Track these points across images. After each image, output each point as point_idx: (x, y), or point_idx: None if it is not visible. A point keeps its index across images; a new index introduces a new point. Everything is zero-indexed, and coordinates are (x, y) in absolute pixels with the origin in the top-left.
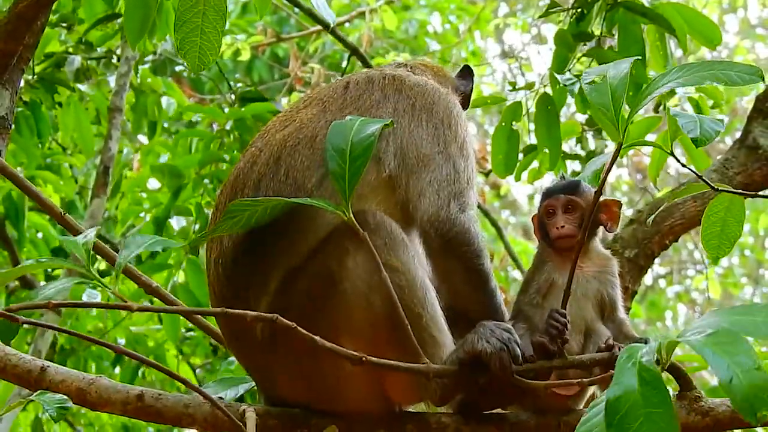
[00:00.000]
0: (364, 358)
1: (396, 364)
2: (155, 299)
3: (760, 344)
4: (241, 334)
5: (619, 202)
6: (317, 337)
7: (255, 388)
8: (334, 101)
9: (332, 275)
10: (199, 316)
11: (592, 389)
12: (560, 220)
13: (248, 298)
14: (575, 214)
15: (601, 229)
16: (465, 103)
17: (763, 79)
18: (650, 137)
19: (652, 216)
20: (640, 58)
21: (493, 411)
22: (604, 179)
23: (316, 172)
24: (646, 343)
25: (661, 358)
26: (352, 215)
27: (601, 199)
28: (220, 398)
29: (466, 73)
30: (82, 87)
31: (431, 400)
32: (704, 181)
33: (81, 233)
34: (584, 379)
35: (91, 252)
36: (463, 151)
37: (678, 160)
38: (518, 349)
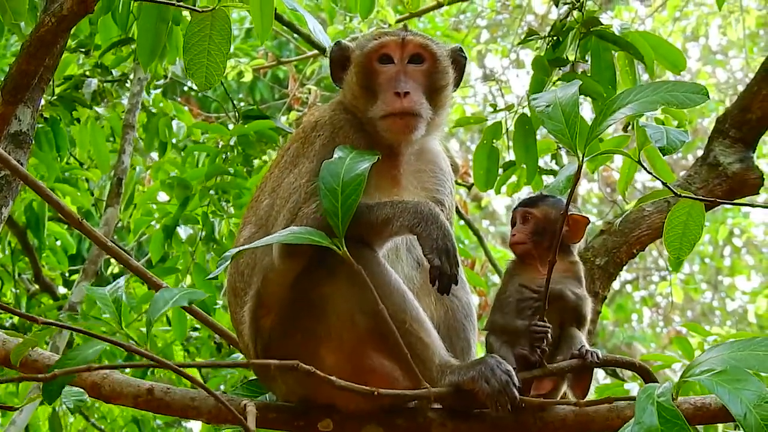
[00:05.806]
0: (376, 392)
1: (402, 393)
2: None
3: None
4: (244, 350)
5: (587, 218)
6: (334, 378)
7: None
8: (284, 153)
9: (317, 297)
10: (205, 313)
11: (563, 387)
12: (514, 229)
13: (242, 320)
14: (529, 224)
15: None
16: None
17: (708, 98)
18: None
19: (618, 220)
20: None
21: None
22: (570, 195)
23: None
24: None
25: (674, 395)
26: (346, 249)
27: (572, 213)
28: (223, 393)
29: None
30: (99, 110)
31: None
32: (668, 187)
33: (97, 238)
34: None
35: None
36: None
37: (645, 168)
38: (515, 392)
